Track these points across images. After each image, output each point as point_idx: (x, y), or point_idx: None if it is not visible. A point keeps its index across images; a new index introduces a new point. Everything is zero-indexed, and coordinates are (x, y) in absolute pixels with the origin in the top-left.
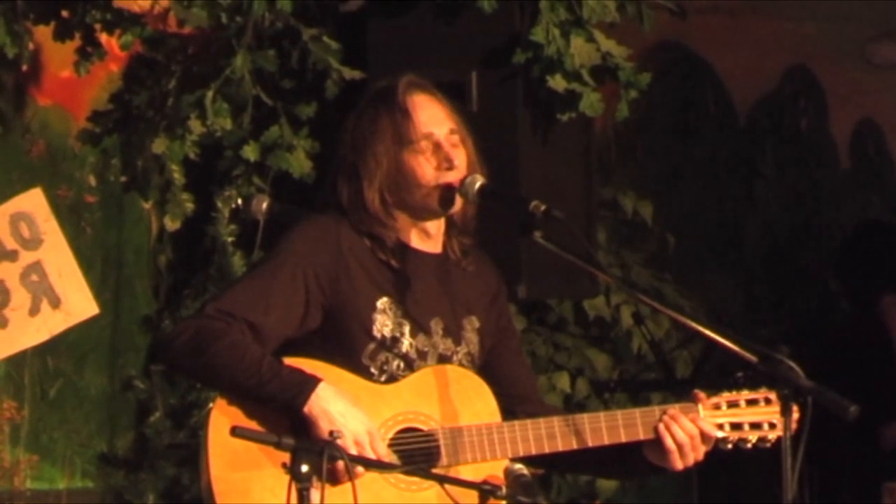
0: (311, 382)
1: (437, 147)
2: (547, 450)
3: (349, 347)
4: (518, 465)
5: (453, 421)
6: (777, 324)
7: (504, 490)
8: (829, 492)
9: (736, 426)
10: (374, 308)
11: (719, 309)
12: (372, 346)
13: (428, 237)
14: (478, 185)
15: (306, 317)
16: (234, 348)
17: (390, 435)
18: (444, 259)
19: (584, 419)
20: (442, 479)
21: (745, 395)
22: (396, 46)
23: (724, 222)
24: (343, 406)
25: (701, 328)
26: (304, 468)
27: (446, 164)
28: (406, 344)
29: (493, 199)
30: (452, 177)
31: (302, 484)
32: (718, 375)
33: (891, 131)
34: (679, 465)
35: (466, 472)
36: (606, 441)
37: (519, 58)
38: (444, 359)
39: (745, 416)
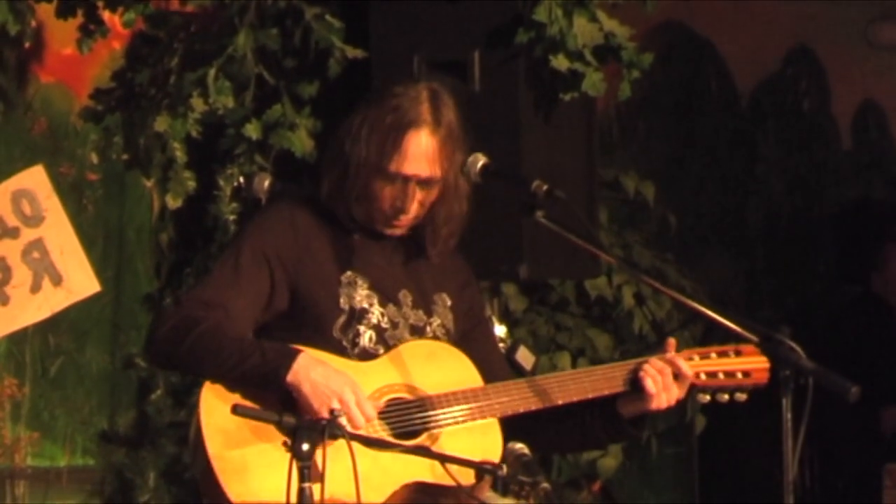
0: (291, 353)
1: (404, 189)
2: (536, 406)
3: (319, 322)
4: (519, 445)
5: (438, 389)
6: (778, 304)
7: (505, 469)
8: (829, 473)
9: (711, 374)
10: (338, 282)
11: (721, 289)
12: (342, 318)
13: (392, 227)
14: (480, 164)
15: (273, 296)
16: (214, 332)
17: (380, 405)
18: (408, 243)
19: (566, 376)
20: (443, 459)
21: (715, 348)
22: (399, 25)
23: (726, 203)
24: (323, 370)
25: (702, 308)
26: (305, 446)
27: (399, 207)
28: (376, 314)
29: (494, 178)
30: (398, 220)
31: (303, 462)
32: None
33: (893, 112)
34: (655, 403)
35: (465, 453)
36: (590, 395)
37: (521, 37)
38: (416, 329)
39: (718, 365)
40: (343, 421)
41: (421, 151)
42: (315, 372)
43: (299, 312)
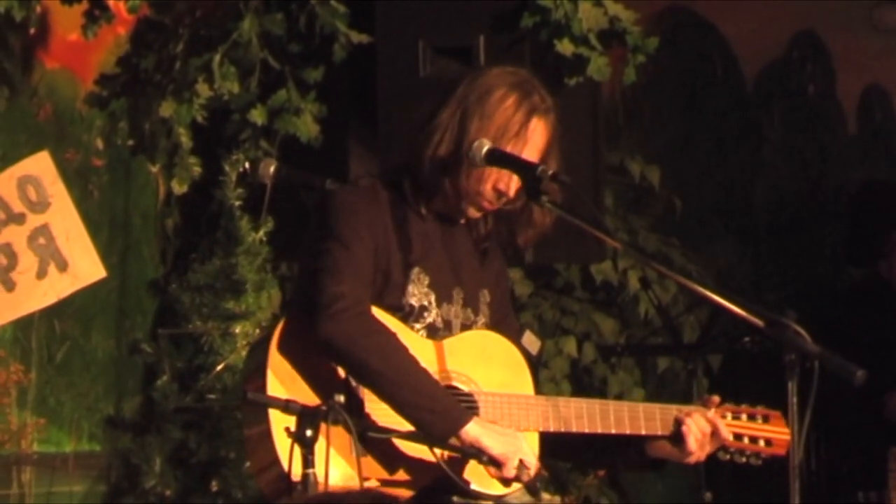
0: (462, 419)
1: (511, 174)
2: (574, 429)
3: (383, 311)
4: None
5: (492, 387)
6: (784, 288)
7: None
8: (835, 457)
9: (738, 437)
10: (407, 277)
11: (726, 273)
12: (400, 315)
13: (463, 214)
14: (485, 148)
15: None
16: (395, 353)
17: None
18: (466, 232)
19: (610, 407)
20: (434, 444)
21: (746, 409)
22: (404, 10)
23: (731, 187)
24: (492, 438)
25: (708, 293)
26: (308, 432)
27: (502, 191)
28: (433, 314)
29: (500, 162)
30: (492, 203)
31: (306, 448)
32: (725, 340)
33: None
34: (692, 459)
35: None
36: (628, 430)
37: (527, 22)
38: (465, 328)
39: (746, 429)
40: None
41: (539, 139)
42: (485, 441)
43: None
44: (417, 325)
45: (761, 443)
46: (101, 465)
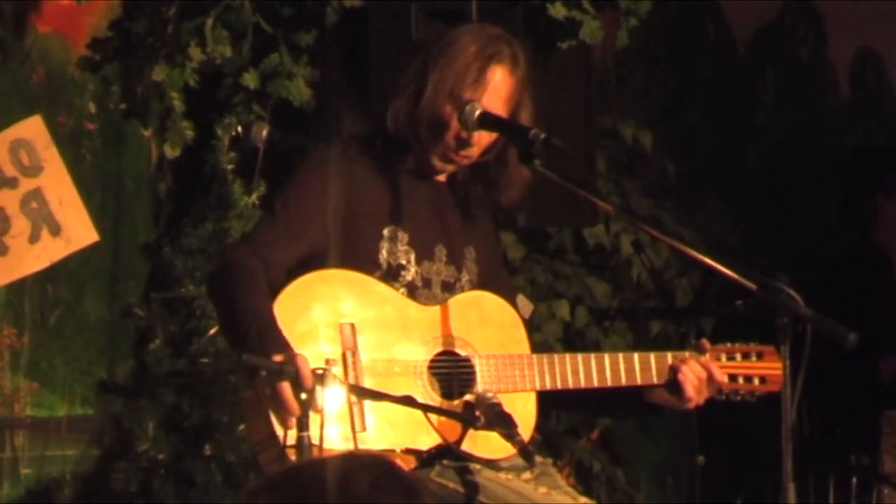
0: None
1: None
2: (571, 385)
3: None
4: (490, 394)
5: (488, 349)
6: (776, 252)
7: (482, 421)
8: (828, 421)
9: (732, 378)
10: (380, 236)
11: (719, 238)
12: (377, 274)
13: (435, 170)
14: (477, 112)
15: (315, 244)
16: (239, 289)
17: (430, 357)
18: (447, 189)
19: (605, 359)
20: (426, 409)
21: (740, 347)
22: None
23: (724, 151)
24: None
25: (700, 256)
26: (303, 395)
27: (464, 139)
28: (412, 272)
29: (492, 126)
30: (458, 154)
31: (301, 411)
32: (718, 303)
33: (890, 59)
34: (691, 405)
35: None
36: (624, 382)
37: None
38: (447, 286)
39: (740, 369)
40: (336, 371)
41: (499, 87)
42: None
43: (339, 260)
44: (395, 284)
45: (756, 381)
46: (93, 429)
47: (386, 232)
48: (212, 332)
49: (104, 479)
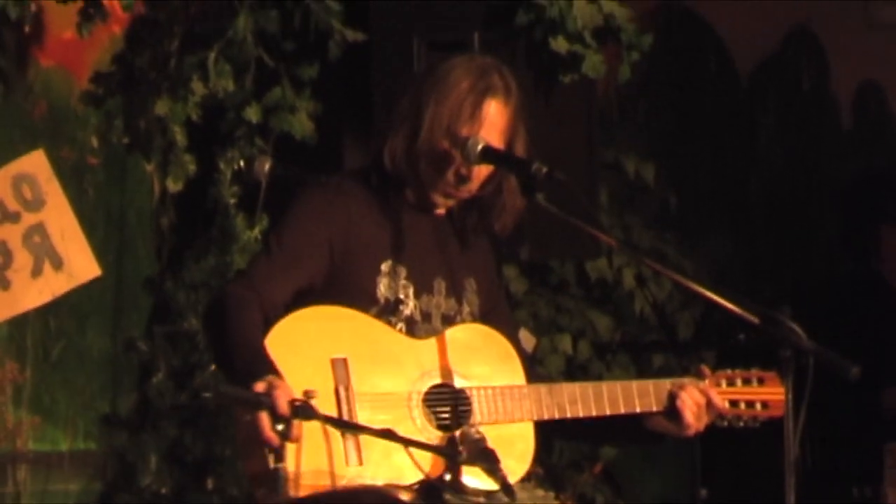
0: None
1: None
2: (569, 414)
3: (354, 308)
4: (474, 430)
5: (483, 380)
6: (779, 283)
7: (464, 456)
8: (830, 453)
9: (734, 403)
10: (378, 272)
11: (722, 269)
12: (374, 309)
13: (435, 204)
14: (480, 146)
15: (313, 278)
16: (233, 320)
17: (424, 389)
18: (447, 222)
19: (603, 388)
20: (406, 443)
21: (741, 373)
22: (398, 7)
23: (726, 183)
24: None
25: (702, 290)
26: (280, 427)
27: (464, 175)
28: (410, 306)
29: (495, 160)
30: (458, 190)
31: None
32: (720, 337)
33: (892, 92)
34: (690, 432)
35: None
36: (623, 410)
37: (521, 19)
38: (447, 319)
39: (741, 394)
40: (314, 403)
41: (495, 120)
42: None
43: (336, 295)
44: (394, 319)
45: (758, 406)
46: (96, 463)
47: (384, 267)
48: (214, 366)
49: None
